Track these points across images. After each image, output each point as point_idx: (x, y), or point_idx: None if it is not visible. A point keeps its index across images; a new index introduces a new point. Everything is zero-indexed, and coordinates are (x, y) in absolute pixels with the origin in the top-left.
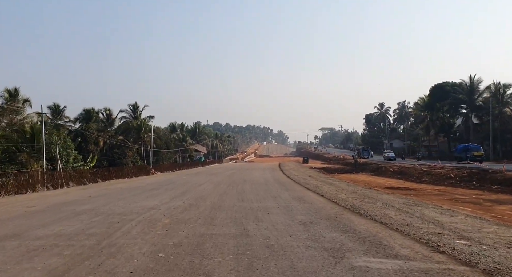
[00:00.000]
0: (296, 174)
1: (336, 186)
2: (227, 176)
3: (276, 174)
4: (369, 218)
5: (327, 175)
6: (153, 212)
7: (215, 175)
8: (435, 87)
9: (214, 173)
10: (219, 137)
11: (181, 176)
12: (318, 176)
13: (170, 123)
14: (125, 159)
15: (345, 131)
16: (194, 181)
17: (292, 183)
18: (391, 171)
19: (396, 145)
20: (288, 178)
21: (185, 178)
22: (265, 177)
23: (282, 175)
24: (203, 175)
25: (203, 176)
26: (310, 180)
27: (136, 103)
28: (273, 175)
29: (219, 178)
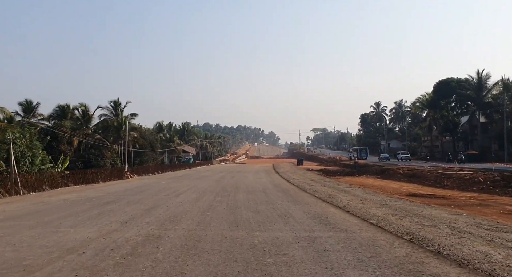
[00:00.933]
0: (296, 177)
1: (352, 194)
2: (216, 180)
3: (273, 178)
4: (470, 268)
5: (329, 178)
6: (57, 267)
7: (202, 179)
8: (439, 83)
9: (201, 177)
10: (209, 137)
11: (160, 181)
12: (322, 180)
13: (157, 123)
14: (103, 160)
15: (338, 132)
16: (174, 188)
17: (297, 189)
18: (400, 174)
19: (394, 145)
20: (288, 183)
21: (164, 184)
22: (261, 181)
23: (280, 179)
24: (187, 178)
25: (187, 180)
26: (315, 185)
27: (118, 100)
28: (270, 178)
29: (206, 183)
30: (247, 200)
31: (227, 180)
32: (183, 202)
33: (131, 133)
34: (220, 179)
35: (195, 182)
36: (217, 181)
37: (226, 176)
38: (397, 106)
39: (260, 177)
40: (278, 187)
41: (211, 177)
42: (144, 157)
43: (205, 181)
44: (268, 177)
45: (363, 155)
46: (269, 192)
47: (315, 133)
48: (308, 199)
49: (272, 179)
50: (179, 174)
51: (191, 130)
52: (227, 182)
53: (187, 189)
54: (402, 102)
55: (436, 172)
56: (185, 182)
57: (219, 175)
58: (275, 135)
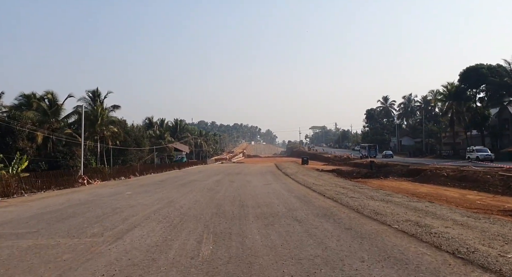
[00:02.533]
0: (316, 182)
1: (439, 216)
2: (208, 188)
3: (287, 183)
4: None
5: (352, 181)
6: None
7: (188, 187)
8: (467, 70)
9: (189, 182)
10: (203, 135)
11: (126, 191)
12: (352, 186)
13: (146, 118)
14: (73, 160)
15: (337, 130)
16: (130, 211)
17: (343, 209)
18: (444, 176)
19: (405, 142)
20: (315, 193)
21: (125, 197)
22: (275, 191)
23: (297, 186)
24: (168, 186)
25: (165, 189)
26: (358, 197)
27: (98, 90)
28: (284, 185)
29: (192, 195)
30: (273, 249)
31: (224, 187)
32: (130, 261)
33: (110, 128)
34: (215, 185)
35: (174, 192)
36: (210, 190)
37: (223, 180)
38: (405, 101)
39: (269, 181)
40: (308, 203)
41: (202, 182)
42: (127, 156)
43: (191, 191)
44: (279, 181)
45: (372, 152)
46: (302, 218)
47: (314, 131)
48: (392, 239)
49: (287, 186)
50: (162, 177)
51: (184, 127)
52: (224, 192)
53: (152, 211)
54: (412, 97)
55: (497, 174)
56: (160, 194)
57: (213, 178)
58: (272, 134)
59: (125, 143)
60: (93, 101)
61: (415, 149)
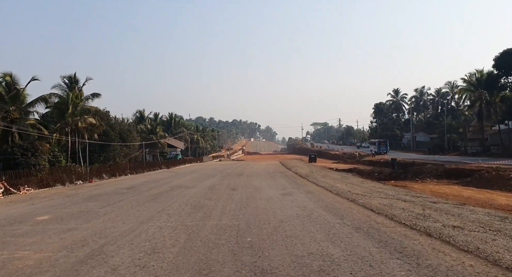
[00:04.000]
0: (352, 190)
1: None
2: (195, 204)
3: (311, 191)
4: None
5: (390, 184)
6: None
7: (163, 200)
8: (504, 54)
9: (171, 189)
10: (200, 130)
11: (53, 209)
12: (410, 196)
13: (137, 111)
14: (35, 157)
15: (340, 126)
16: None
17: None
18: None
19: (420, 138)
20: (374, 213)
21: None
22: (303, 207)
23: (329, 195)
24: (133, 197)
25: (123, 205)
26: (448, 220)
27: (75, 76)
28: (310, 194)
29: (160, 222)
30: None
31: (220, 203)
32: None
33: (87, 119)
34: (205, 198)
35: (126, 219)
36: (195, 209)
37: (219, 185)
38: (417, 94)
39: (285, 187)
40: (408, 257)
41: (188, 189)
42: (110, 152)
43: (161, 213)
44: (299, 187)
45: (383, 148)
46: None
47: (315, 128)
48: None
49: (319, 198)
50: (137, 181)
51: (179, 122)
52: (220, 215)
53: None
54: (424, 90)
55: None
56: (93, 223)
57: (206, 182)
58: (272, 130)
59: (108, 137)
60: (70, 89)
61: (434, 145)
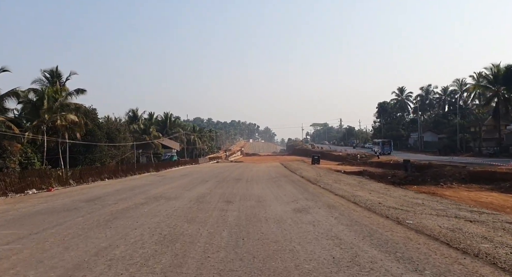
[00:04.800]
0: (382, 201)
1: None
2: (164, 235)
3: (331, 203)
4: None
5: (416, 190)
6: None
7: (119, 227)
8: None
9: (145, 201)
10: (197, 131)
11: None
12: (459, 208)
13: (130, 110)
14: (2, 159)
15: (341, 127)
16: None
17: None
18: None
19: (428, 138)
20: (489, 265)
21: None
22: (329, 234)
23: (358, 210)
24: (73, 221)
25: (49, 241)
26: None
27: (57, 69)
28: (333, 209)
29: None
30: None
31: (206, 228)
32: None
33: (67, 116)
34: (188, 219)
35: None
36: (156, 253)
37: (211, 196)
38: (423, 93)
39: (295, 198)
40: None
41: (168, 202)
42: (96, 154)
43: (93, 265)
44: (314, 197)
45: (387, 149)
46: None
47: (315, 129)
48: None
49: (344, 215)
50: (110, 189)
51: (175, 122)
52: (196, 269)
53: None
54: (431, 88)
55: None
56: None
57: (196, 191)
58: (270, 131)
59: (94, 137)
60: (51, 84)
61: (444, 146)
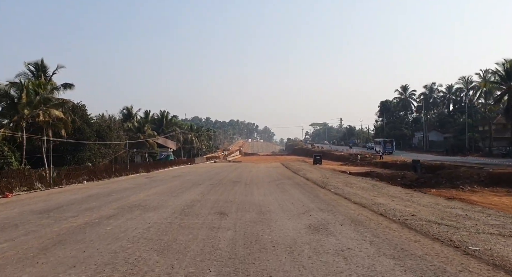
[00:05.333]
0: (417, 213)
1: None
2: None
3: (354, 217)
4: None
5: (438, 195)
6: None
7: (52, 262)
8: None
9: (115, 213)
10: (195, 130)
11: None
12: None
13: (124, 108)
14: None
15: (341, 126)
16: None
17: None
18: None
19: (433, 137)
20: None
21: None
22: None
23: (412, 237)
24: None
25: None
26: None
27: (42, 62)
28: (362, 229)
29: None
30: None
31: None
32: None
33: (51, 112)
34: (157, 245)
35: None
36: None
37: (199, 205)
38: (427, 91)
39: (309, 209)
40: None
41: (140, 218)
42: (85, 153)
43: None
44: (331, 209)
45: (389, 148)
46: None
47: (314, 128)
48: None
49: (380, 237)
50: (82, 194)
51: (171, 120)
52: None
53: None
54: (435, 86)
55: None
56: None
57: (182, 198)
58: (269, 131)
59: (83, 135)
60: (36, 79)
61: (452, 146)
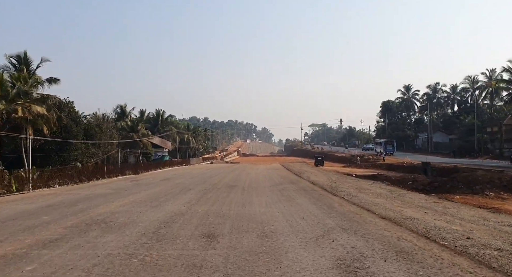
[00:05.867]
0: (467, 232)
1: None
2: None
3: (409, 250)
4: None
5: (460, 202)
6: None
7: None
8: None
9: (25, 255)
10: (191, 130)
11: None
12: None
13: (118, 106)
14: None
15: (340, 127)
16: None
17: None
18: None
19: (437, 138)
20: None
21: None
22: None
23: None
24: None
25: None
26: None
27: (26, 55)
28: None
29: None
30: None
31: None
32: None
33: (32, 108)
34: None
35: None
36: None
37: (182, 221)
38: (430, 91)
39: (328, 229)
40: None
41: (88, 247)
42: (71, 152)
43: None
44: (356, 226)
45: (389, 149)
46: None
47: (313, 129)
48: None
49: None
50: (32, 206)
51: (167, 119)
52: None
53: None
54: (438, 86)
55: None
56: None
57: (163, 210)
58: (268, 132)
59: (69, 133)
60: (18, 72)
61: (459, 147)
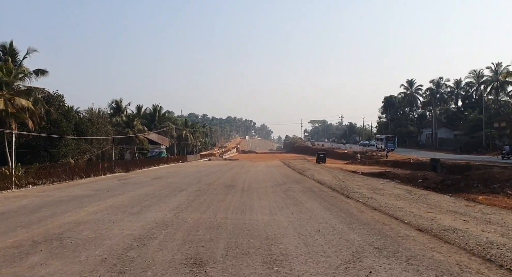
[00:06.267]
0: None
1: None
2: None
3: None
4: None
5: (485, 203)
6: None
7: None
8: None
9: None
10: (190, 126)
11: None
12: None
13: (113, 101)
14: None
15: (341, 123)
16: None
17: None
18: None
19: (442, 134)
20: None
21: None
22: None
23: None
24: None
25: None
26: None
27: (12, 45)
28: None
29: None
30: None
31: None
32: None
33: (16, 100)
34: None
35: None
36: None
37: (161, 238)
38: (433, 86)
39: (361, 262)
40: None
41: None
42: (61, 148)
43: None
44: (409, 256)
45: (391, 145)
46: None
47: (313, 126)
48: None
49: None
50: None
51: (164, 115)
52: None
53: None
54: (442, 81)
55: None
56: None
57: (136, 225)
58: (267, 128)
59: (59, 129)
60: (3, 63)
61: (466, 143)
